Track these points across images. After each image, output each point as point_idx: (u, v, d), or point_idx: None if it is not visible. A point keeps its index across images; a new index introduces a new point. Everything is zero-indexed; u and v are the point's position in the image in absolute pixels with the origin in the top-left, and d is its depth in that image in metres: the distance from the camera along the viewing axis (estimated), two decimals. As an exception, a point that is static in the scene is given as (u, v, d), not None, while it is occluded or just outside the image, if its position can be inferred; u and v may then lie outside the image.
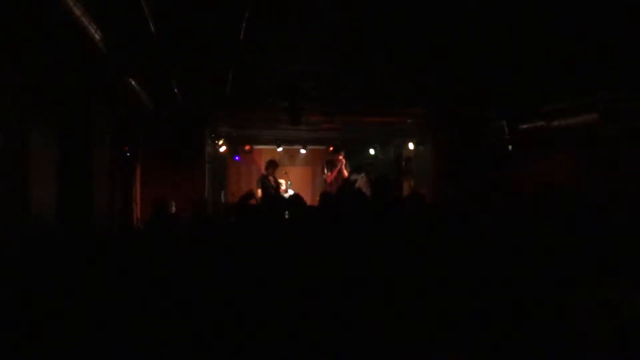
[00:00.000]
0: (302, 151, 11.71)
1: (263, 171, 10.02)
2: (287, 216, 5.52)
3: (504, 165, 7.50)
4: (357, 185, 8.80)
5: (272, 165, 9.74)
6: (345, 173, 9.43)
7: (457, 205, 4.54)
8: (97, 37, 3.52)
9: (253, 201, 8.28)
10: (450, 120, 8.06)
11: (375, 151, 11.72)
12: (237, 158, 11.79)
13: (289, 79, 5.64)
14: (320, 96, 6.51)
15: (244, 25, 3.71)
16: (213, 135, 10.02)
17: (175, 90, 5.91)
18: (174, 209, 6.83)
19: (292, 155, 12.35)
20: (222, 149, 10.57)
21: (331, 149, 11.05)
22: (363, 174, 9.17)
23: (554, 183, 3.99)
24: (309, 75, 5.43)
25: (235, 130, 10.03)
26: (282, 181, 10.04)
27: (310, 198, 8.88)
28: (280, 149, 11.30)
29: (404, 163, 10.91)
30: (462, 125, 8.03)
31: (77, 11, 3.08)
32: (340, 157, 9.55)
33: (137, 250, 3.62)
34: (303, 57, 4.85)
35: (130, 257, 3.35)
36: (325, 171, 9.74)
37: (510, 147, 7.25)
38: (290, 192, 9.77)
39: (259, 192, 9.28)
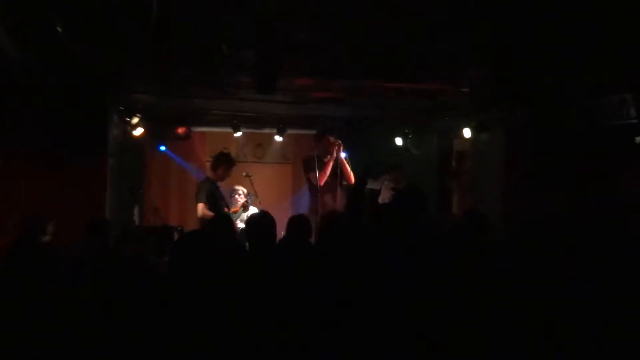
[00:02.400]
0: (278, 138, 11.72)
1: (208, 172, 10.04)
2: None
3: (628, 166, 7.54)
4: (380, 199, 8.81)
5: (225, 161, 9.74)
6: (348, 168, 9.31)
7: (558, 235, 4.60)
8: None
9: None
10: (535, 92, 8.10)
11: (404, 141, 11.76)
12: (163, 148, 11.78)
13: (257, 14, 5.64)
14: (309, 44, 6.52)
15: None
16: (123, 109, 10.00)
17: (59, 29, 5.89)
18: (48, 237, 6.84)
19: (260, 145, 12.38)
20: (139, 131, 10.55)
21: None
22: (386, 181, 9.19)
23: None
24: (292, 9, 5.45)
25: (161, 100, 10.02)
26: (240, 190, 10.07)
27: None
28: (239, 134, 11.32)
29: (454, 162, 10.97)
30: (556, 101, 8.07)
31: None
32: (332, 140, 9.36)
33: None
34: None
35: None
36: (311, 172, 9.46)
37: (638, 138, 7.30)
38: (253, 209, 9.76)
39: (201, 207, 9.24)
